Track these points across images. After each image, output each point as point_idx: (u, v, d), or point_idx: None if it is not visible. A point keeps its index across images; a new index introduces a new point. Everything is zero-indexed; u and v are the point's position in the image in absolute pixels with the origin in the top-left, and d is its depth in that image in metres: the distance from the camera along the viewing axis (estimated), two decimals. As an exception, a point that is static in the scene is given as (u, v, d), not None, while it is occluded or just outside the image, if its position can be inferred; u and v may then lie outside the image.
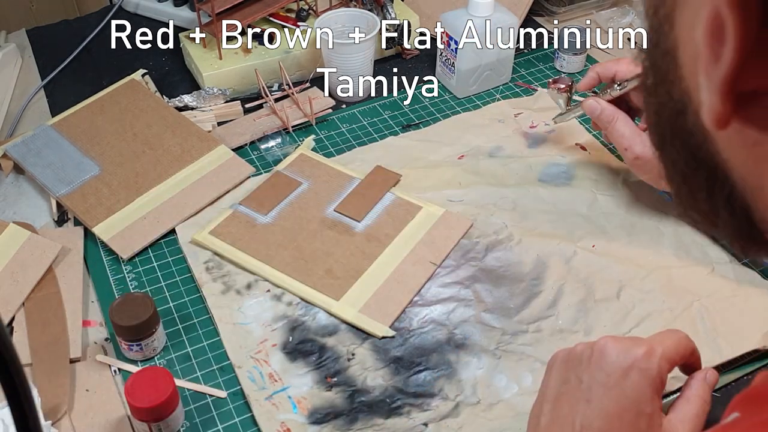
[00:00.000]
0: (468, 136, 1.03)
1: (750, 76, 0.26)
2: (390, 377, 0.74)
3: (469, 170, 0.97)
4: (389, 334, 0.78)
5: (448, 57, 1.10)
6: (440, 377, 0.74)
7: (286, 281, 0.83)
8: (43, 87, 1.15)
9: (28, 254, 0.85)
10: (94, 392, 0.74)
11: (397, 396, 0.73)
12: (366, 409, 0.72)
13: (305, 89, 1.10)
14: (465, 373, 0.75)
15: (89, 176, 0.95)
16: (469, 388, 0.73)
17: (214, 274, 0.84)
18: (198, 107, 1.08)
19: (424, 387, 0.73)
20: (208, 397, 0.74)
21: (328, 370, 0.75)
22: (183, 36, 1.16)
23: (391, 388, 0.73)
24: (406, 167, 0.98)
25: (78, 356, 0.77)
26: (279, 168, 0.97)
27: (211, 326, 0.80)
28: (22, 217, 0.92)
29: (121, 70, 1.13)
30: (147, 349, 0.76)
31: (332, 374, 0.74)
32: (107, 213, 0.91)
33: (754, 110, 0.27)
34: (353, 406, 0.72)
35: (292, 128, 1.05)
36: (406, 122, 1.07)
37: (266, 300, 0.82)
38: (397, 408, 0.72)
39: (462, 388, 0.73)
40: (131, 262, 0.88)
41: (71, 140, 1.00)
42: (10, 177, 0.99)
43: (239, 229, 0.88)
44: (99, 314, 0.82)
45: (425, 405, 0.72)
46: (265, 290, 0.83)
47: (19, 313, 0.81)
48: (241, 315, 0.80)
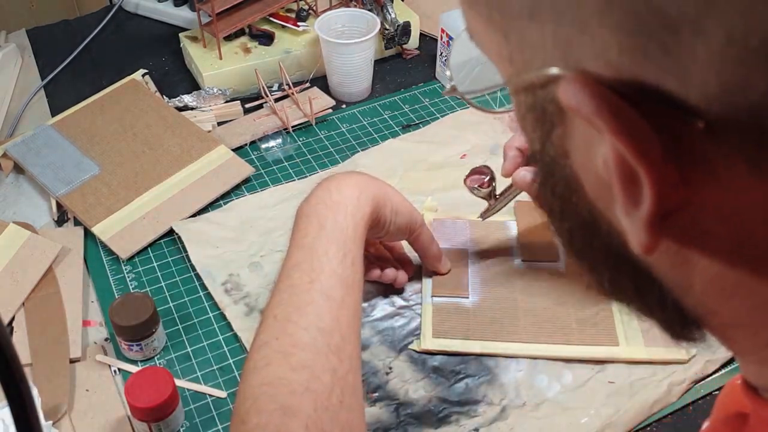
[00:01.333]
0: (466, 135, 1.03)
1: (669, 200, 0.25)
2: (432, 388, 0.73)
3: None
4: (689, 356, 0.74)
5: (448, 57, 1.10)
6: (482, 383, 0.74)
7: (550, 350, 0.76)
8: (43, 87, 1.15)
9: (28, 254, 0.85)
10: (94, 392, 0.74)
11: (443, 405, 0.72)
12: (414, 422, 0.71)
13: (305, 89, 1.10)
14: (505, 376, 0.74)
15: (89, 176, 0.95)
16: (512, 391, 0.73)
17: (235, 296, 0.82)
18: (198, 107, 1.08)
19: (468, 394, 0.73)
20: (208, 397, 0.74)
21: (368, 385, 0.73)
22: (183, 36, 1.16)
23: (435, 398, 0.73)
24: (410, 170, 0.97)
25: (78, 356, 0.77)
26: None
27: (211, 326, 0.80)
28: (22, 217, 0.92)
29: (121, 70, 1.13)
30: (147, 349, 0.76)
31: (373, 390, 0.73)
32: (107, 213, 0.91)
33: (671, 226, 0.26)
34: (400, 420, 0.71)
35: (292, 128, 1.05)
36: (406, 122, 1.07)
37: None
38: (445, 417, 0.71)
39: (505, 391, 0.73)
40: (131, 262, 0.87)
41: (71, 140, 1.00)
42: (10, 177, 0.99)
43: (457, 319, 0.79)
44: (99, 314, 0.82)
45: (472, 411, 0.71)
46: None
47: (19, 313, 0.81)
48: None
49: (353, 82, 1.09)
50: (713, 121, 0.23)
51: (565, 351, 0.75)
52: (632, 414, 0.71)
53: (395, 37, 1.15)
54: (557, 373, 0.74)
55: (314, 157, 1.01)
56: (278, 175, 0.99)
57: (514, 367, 0.75)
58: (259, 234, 0.89)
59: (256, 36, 1.14)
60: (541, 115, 0.29)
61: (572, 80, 0.25)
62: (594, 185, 0.29)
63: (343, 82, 1.09)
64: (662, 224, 0.26)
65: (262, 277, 0.84)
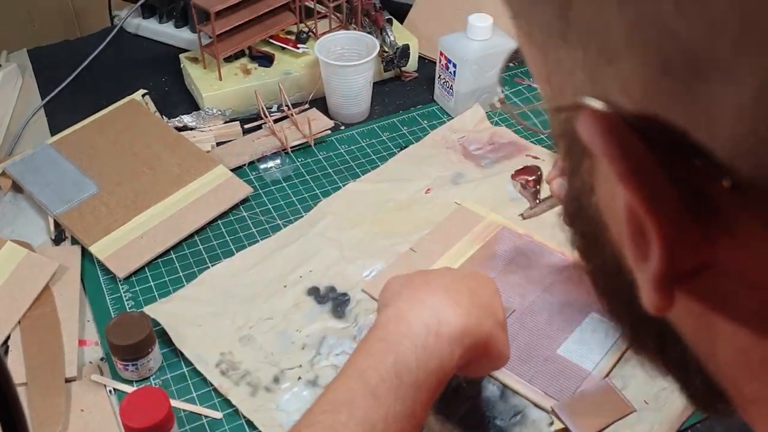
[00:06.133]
0: (425, 168, 1.01)
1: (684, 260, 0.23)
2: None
3: (441, 203, 0.95)
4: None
5: (446, 80, 1.10)
6: (515, 424, 0.72)
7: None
8: (43, 106, 1.16)
9: (25, 272, 0.85)
10: (89, 412, 0.74)
11: None
12: None
13: (304, 110, 1.11)
14: (534, 413, 0.73)
15: (87, 195, 0.95)
16: (545, 427, 0.72)
17: (233, 377, 0.76)
18: (197, 127, 1.08)
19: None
20: (204, 417, 0.74)
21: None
22: (183, 57, 1.17)
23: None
24: (379, 213, 0.95)
25: (74, 376, 0.76)
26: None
27: (207, 346, 0.80)
28: (19, 236, 0.92)
29: (121, 90, 1.14)
30: (142, 368, 0.76)
31: None
32: (104, 232, 0.91)
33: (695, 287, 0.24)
34: None
35: (291, 149, 1.05)
36: (404, 144, 1.07)
37: (301, 388, 0.75)
38: None
39: (538, 428, 0.71)
40: (128, 281, 0.87)
41: (70, 159, 1.01)
42: (9, 195, 0.99)
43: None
44: (95, 333, 0.82)
45: None
46: (296, 378, 0.75)
47: (15, 331, 0.80)
48: (283, 414, 0.72)
49: (352, 104, 1.10)
50: (741, 180, 0.20)
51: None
52: (666, 427, 0.71)
53: (394, 60, 1.16)
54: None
55: (312, 178, 1.02)
56: (276, 196, 0.99)
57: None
58: (241, 303, 0.83)
59: (256, 57, 1.15)
60: (571, 143, 0.27)
61: (590, 111, 0.23)
62: (617, 232, 0.26)
63: (342, 104, 1.10)
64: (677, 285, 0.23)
65: (257, 350, 0.78)
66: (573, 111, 0.24)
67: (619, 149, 0.22)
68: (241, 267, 0.88)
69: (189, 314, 0.82)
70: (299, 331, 0.80)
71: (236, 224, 0.95)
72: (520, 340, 0.78)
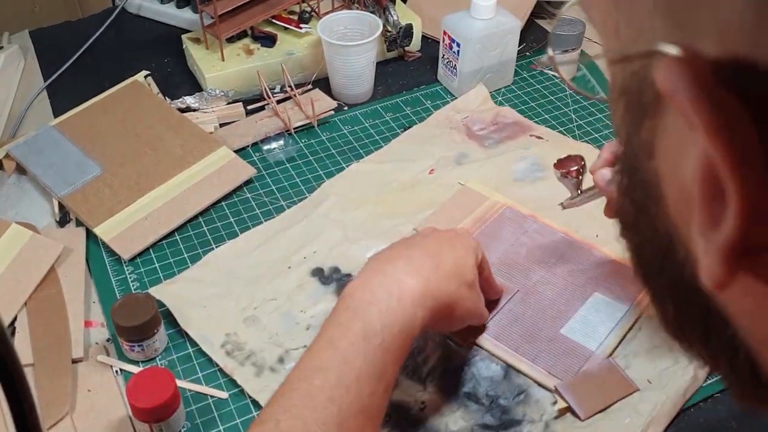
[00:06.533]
0: (428, 148, 1.01)
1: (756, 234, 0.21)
2: (470, 416, 0.71)
3: (444, 183, 0.95)
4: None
5: (450, 59, 1.10)
6: (518, 403, 0.72)
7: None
8: (45, 88, 1.16)
9: (30, 254, 0.85)
10: (95, 393, 0.74)
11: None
12: None
13: (307, 91, 1.10)
14: (538, 392, 0.73)
15: (91, 177, 0.96)
16: (548, 406, 0.72)
17: (238, 357, 0.76)
18: (200, 109, 1.08)
19: (508, 415, 0.71)
20: (210, 398, 0.74)
21: (407, 426, 0.70)
22: (186, 37, 1.16)
23: (476, 427, 0.70)
24: (382, 193, 0.94)
25: (80, 357, 0.77)
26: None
27: (212, 327, 0.80)
28: (24, 218, 0.93)
29: (123, 71, 1.13)
30: (148, 349, 0.76)
31: (413, 428, 0.70)
32: (109, 213, 0.91)
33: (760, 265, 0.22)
34: None
35: (294, 130, 1.05)
36: (408, 124, 1.07)
37: None
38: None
39: (542, 407, 0.72)
40: (133, 263, 0.88)
41: (73, 141, 1.01)
42: (13, 177, 0.99)
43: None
44: (101, 315, 0.83)
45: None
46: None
47: (21, 313, 0.81)
48: None
49: (355, 84, 1.09)
50: None
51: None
52: (669, 406, 0.71)
53: (397, 40, 1.15)
54: None
55: (316, 159, 1.02)
56: (280, 177, 0.99)
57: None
58: (245, 284, 0.83)
59: (259, 38, 1.14)
60: (634, 99, 0.25)
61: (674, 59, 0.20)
62: (677, 199, 0.24)
63: (345, 84, 1.09)
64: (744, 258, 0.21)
65: (261, 331, 0.78)
66: (648, 60, 0.23)
67: (708, 100, 0.20)
68: (245, 248, 0.88)
69: (194, 295, 0.82)
70: (303, 312, 0.80)
71: (240, 205, 0.95)
72: (523, 320, 0.78)
